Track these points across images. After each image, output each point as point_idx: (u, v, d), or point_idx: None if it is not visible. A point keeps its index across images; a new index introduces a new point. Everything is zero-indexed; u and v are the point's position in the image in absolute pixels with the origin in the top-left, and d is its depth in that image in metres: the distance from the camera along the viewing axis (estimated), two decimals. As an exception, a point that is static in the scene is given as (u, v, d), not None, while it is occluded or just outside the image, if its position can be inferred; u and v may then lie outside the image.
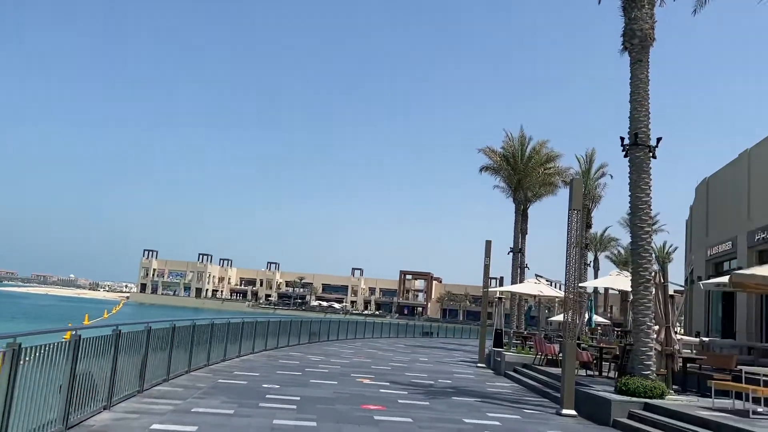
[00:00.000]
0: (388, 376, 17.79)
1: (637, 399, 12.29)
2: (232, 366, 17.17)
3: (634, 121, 13.74)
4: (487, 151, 36.67)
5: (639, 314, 13.15)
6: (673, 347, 13.41)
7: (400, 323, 52.89)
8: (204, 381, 13.72)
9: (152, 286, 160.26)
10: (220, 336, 17.87)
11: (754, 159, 28.75)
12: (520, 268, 37.57)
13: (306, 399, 12.32)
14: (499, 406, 13.56)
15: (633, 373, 13.03)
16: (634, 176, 13.61)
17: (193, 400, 11.15)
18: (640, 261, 13.36)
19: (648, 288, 13.25)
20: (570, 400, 12.86)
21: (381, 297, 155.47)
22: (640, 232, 13.44)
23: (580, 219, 13.40)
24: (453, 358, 28.01)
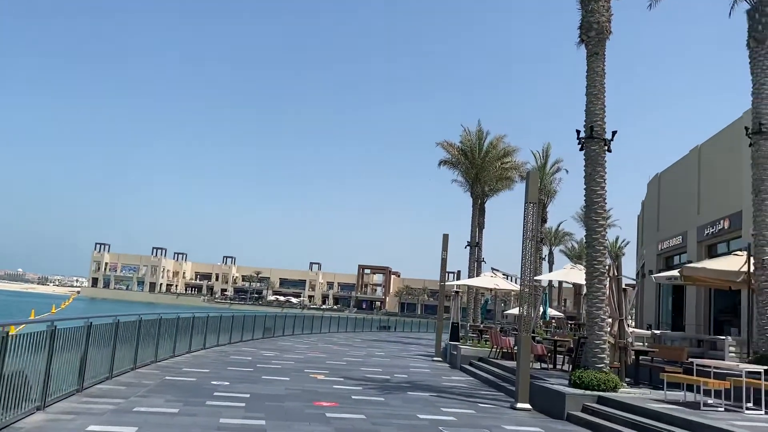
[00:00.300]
0: (343, 372, 17.50)
1: (591, 392, 12.28)
2: (182, 362, 16.64)
3: (590, 114, 13.71)
4: (445, 145, 36.66)
5: (593, 307, 13.15)
6: (626, 340, 13.46)
7: (358, 317, 52.62)
8: (150, 378, 13.19)
9: (104, 280, 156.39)
10: (169, 332, 17.30)
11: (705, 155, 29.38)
12: (477, 262, 37.71)
13: (256, 396, 11.93)
14: (454, 401, 13.40)
15: (587, 366, 13.02)
16: (589, 169, 13.59)
17: (136, 399, 10.66)
18: (594, 254, 13.35)
19: (602, 281, 13.25)
20: (525, 394, 12.79)
21: (339, 291, 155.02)
22: (595, 226, 13.44)
23: (536, 212, 13.31)
24: (409, 353, 27.89)
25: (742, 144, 24.60)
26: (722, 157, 27.13)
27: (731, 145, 26.01)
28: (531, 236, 13.22)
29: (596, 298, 13.17)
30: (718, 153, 27.73)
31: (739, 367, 11.12)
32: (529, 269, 13.19)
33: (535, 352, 17.48)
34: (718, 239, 27.16)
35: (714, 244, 28.10)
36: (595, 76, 13.82)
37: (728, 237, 26.22)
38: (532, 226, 13.26)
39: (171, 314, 17.68)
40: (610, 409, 11.51)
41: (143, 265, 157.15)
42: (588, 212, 13.62)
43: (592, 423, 11.18)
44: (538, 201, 13.40)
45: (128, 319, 13.84)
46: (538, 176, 13.37)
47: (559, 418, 11.90)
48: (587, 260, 13.53)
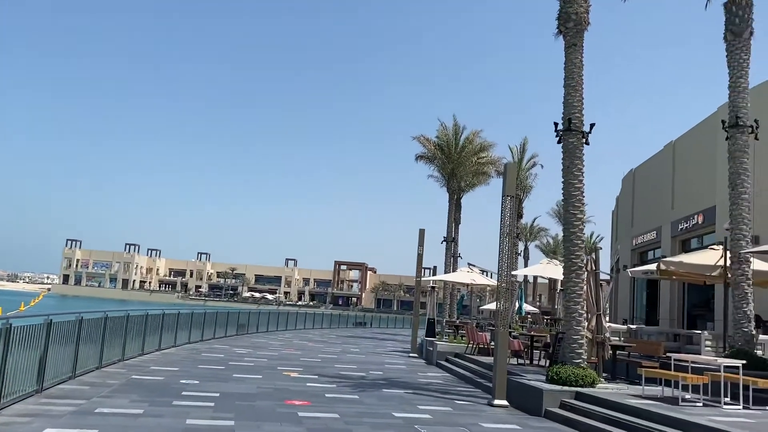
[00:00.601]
0: (317, 369, 17.15)
1: (569, 388, 12.10)
2: (150, 361, 16.15)
3: (568, 106, 13.53)
4: (421, 139, 36.43)
5: (570, 302, 12.97)
6: (604, 335, 13.32)
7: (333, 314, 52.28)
8: (116, 377, 12.71)
9: (76, 277, 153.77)
10: (137, 329, 16.79)
11: (679, 151, 29.53)
12: (454, 258, 37.60)
13: (226, 395, 11.54)
14: (430, 398, 13.14)
15: (565, 361, 12.85)
16: (567, 162, 13.40)
17: (99, 400, 10.20)
18: (572, 248, 13.17)
19: (580, 275, 13.08)
20: (502, 390, 12.57)
21: (315, 287, 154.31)
22: (573, 219, 13.26)
23: (514, 206, 13.09)
24: (385, 349, 27.62)
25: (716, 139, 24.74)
26: (696, 153, 27.28)
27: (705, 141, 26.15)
28: (508, 230, 12.99)
29: (574, 293, 13.00)
30: (692, 149, 27.89)
31: (717, 361, 11.01)
32: (507, 263, 12.97)
33: (512, 348, 17.32)
34: (692, 234, 27.33)
35: (688, 239, 28.29)
36: (573, 67, 13.63)
37: (702, 232, 26.38)
38: (510, 220, 13.03)
39: (139, 311, 17.18)
40: (587, 405, 11.34)
41: (116, 262, 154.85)
42: (566, 205, 13.44)
43: (569, 419, 10.99)
44: (515, 194, 13.17)
45: (93, 317, 13.34)
46: (515, 169, 13.14)
47: (536, 415, 11.70)
48: (565, 254, 13.36)
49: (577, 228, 13.24)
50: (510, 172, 13.20)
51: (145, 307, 20.52)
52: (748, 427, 9.01)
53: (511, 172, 13.20)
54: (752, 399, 10.89)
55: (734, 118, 14.77)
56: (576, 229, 13.23)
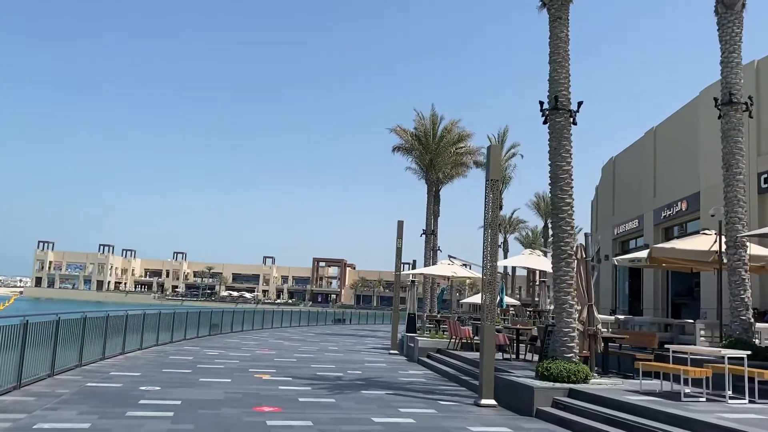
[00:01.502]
0: (292, 370, 16.14)
1: (561, 384, 11.26)
2: (112, 365, 15.01)
3: (554, 83, 12.65)
4: (398, 130, 35.47)
5: (561, 292, 12.12)
6: (595, 327, 12.49)
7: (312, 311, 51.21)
8: (68, 386, 11.58)
9: (49, 279, 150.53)
10: (97, 332, 15.63)
11: (660, 137, 28.96)
12: (433, 251, 36.76)
13: (188, 403, 10.48)
14: (412, 399, 12.22)
15: (555, 356, 12.01)
16: (554, 143, 12.54)
17: (43, 413, 9.09)
18: (561, 235, 12.32)
19: (570, 264, 12.24)
20: (489, 389, 11.69)
21: (294, 285, 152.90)
22: (561, 204, 12.40)
23: (498, 192, 12.19)
24: (365, 346, 26.68)
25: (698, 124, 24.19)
26: (679, 139, 26.71)
27: (688, 126, 25.58)
28: (492, 218, 12.09)
29: (564, 282, 12.15)
30: (674, 134, 27.32)
31: (720, 353, 10.23)
32: (491, 254, 12.07)
33: (497, 342, 16.46)
34: (675, 221, 26.78)
35: (671, 227, 27.75)
36: (559, 42, 12.76)
37: (686, 219, 25.83)
38: (495, 207, 12.13)
39: (99, 312, 16.02)
40: (582, 403, 10.50)
41: (90, 263, 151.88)
42: (553, 189, 12.57)
43: (564, 419, 10.14)
44: (500, 178, 12.28)
45: (43, 320, 12.21)
46: (500, 151, 12.26)
47: (527, 415, 10.84)
48: (554, 241, 12.51)
49: (566, 213, 12.38)
50: (494, 154, 12.30)
51: (121, 308, 19.52)
52: (765, 425, 8.20)
53: (494, 155, 12.29)
54: (758, 392, 10.12)
55: (727, 95, 14.03)
56: (565, 214, 12.38)
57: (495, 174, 12.18)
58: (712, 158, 22.35)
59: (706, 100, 23.81)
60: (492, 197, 12.12)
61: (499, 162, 12.29)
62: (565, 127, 12.51)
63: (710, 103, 22.67)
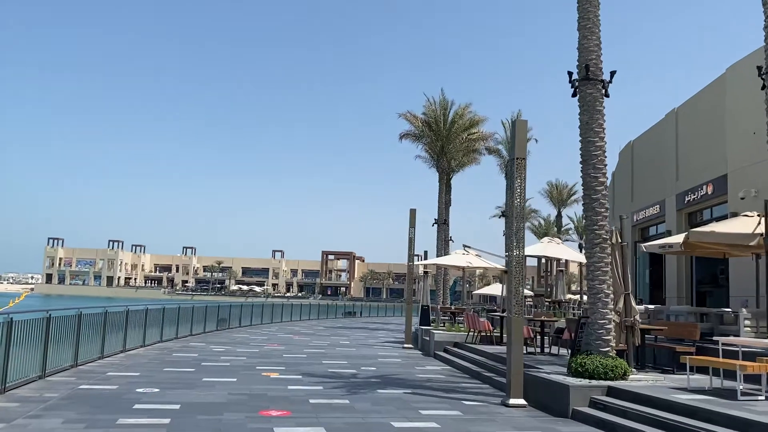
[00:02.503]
0: (302, 367, 15.15)
1: (598, 382, 10.21)
2: (110, 365, 14.08)
3: (584, 51, 11.53)
4: (408, 116, 34.24)
5: (595, 280, 11.04)
6: (633, 318, 11.41)
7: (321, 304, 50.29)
8: (58, 389, 10.64)
9: (59, 276, 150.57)
10: (94, 329, 14.70)
11: (682, 119, 27.68)
12: (445, 241, 35.67)
13: (188, 407, 9.50)
14: (433, 399, 11.20)
15: (589, 350, 10.94)
16: (586, 117, 11.43)
17: (24, 422, 8.13)
18: (594, 218, 11.23)
19: (605, 249, 11.16)
20: (518, 387, 10.65)
21: (303, 278, 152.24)
22: (594, 183, 11.30)
23: (525, 172, 11.09)
24: (377, 340, 25.69)
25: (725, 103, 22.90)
26: (703, 119, 25.46)
27: (714, 105, 24.34)
28: (519, 200, 11.02)
29: (598, 270, 11.07)
30: (697, 115, 26.06)
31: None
32: (517, 241, 11.00)
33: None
34: (700, 206, 25.54)
35: (695, 212, 26.52)
36: (588, 6, 11.62)
37: (712, 203, 24.60)
38: (521, 190, 11.04)
39: (96, 309, 15.08)
40: (624, 402, 9.44)
41: (99, 259, 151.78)
42: (585, 168, 11.47)
43: (604, 421, 9.09)
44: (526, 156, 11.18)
45: (31, 317, 11.26)
46: (526, 126, 11.16)
47: (562, 416, 9.80)
48: (586, 225, 11.42)
49: (599, 194, 11.29)
50: (520, 129, 11.20)
51: (130, 303, 18.85)
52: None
53: (520, 130, 11.20)
54: (823, 389, 9.04)
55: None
56: (598, 195, 11.28)
57: (521, 152, 11.10)
58: (740, 138, 21.09)
59: (733, 78, 22.53)
60: (518, 178, 11.04)
61: (524, 138, 11.20)
62: (597, 99, 11.40)
63: (737, 81, 21.48)
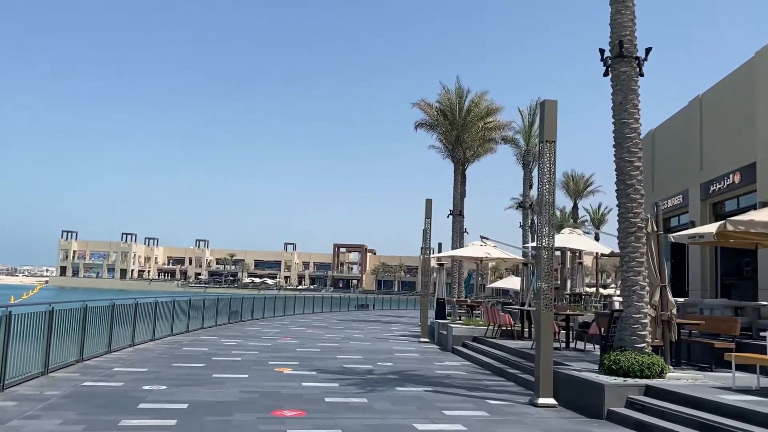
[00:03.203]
0: (316, 362, 14.55)
1: (634, 381, 9.51)
2: (117, 360, 13.55)
3: (618, 26, 10.76)
4: (422, 105, 33.45)
5: (630, 272, 10.32)
6: (670, 312, 10.69)
7: (334, 297, 49.71)
8: (60, 386, 10.09)
9: (73, 268, 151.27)
10: (101, 322, 14.16)
11: (707, 106, 26.73)
12: (460, 233, 34.95)
13: (196, 407, 8.90)
14: (456, 398, 10.54)
15: (623, 346, 10.23)
16: (619, 97, 10.67)
17: (19, 423, 7.56)
18: (629, 205, 10.48)
19: (640, 238, 10.43)
20: (548, 386, 9.97)
21: (315, 271, 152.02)
22: (629, 168, 10.56)
23: (555, 156, 10.37)
24: (392, 333, 25.07)
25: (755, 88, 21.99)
26: (730, 106, 24.56)
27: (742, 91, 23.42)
28: (549, 186, 10.30)
29: (633, 261, 10.34)
30: (724, 101, 25.11)
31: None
32: (548, 229, 10.30)
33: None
34: (726, 195, 24.63)
35: (721, 202, 25.62)
36: (622, -22, 10.85)
37: (739, 192, 23.71)
38: (549, 174, 10.32)
39: (103, 302, 14.55)
40: (664, 403, 8.73)
41: (113, 252, 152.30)
42: (618, 151, 10.72)
43: (644, 424, 8.39)
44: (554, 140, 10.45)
45: (32, 310, 10.72)
46: (556, 107, 10.42)
47: (596, 417, 9.11)
48: (620, 213, 10.68)
49: (634, 179, 10.55)
50: (549, 110, 10.47)
51: (144, 296, 18.49)
52: None
53: (550, 111, 10.47)
54: None
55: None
56: (633, 180, 10.54)
57: (550, 134, 10.38)
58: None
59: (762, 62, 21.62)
60: (548, 162, 10.32)
61: (555, 119, 10.46)
62: (632, 78, 10.64)
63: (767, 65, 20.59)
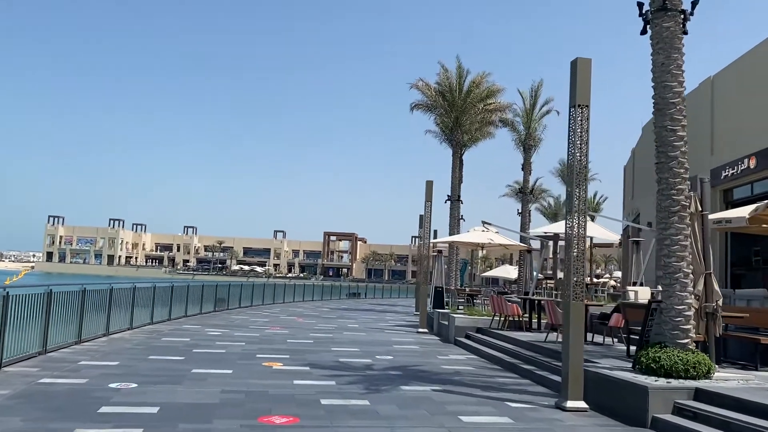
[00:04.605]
0: (309, 355, 13.18)
1: (679, 382, 8.21)
2: (86, 351, 12.12)
3: (660, -26, 9.38)
4: (420, 85, 31.95)
5: (672, 257, 8.99)
6: (715, 303, 9.39)
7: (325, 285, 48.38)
8: (14, 383, 8.66)
9: (60, 254, 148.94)
10: (69, 309, 12.72)
11: (719, 87, 25.46)
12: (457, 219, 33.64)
13: (169, 410, 7.52)
14: (470, 399, 9.22)
15: (663, 341, 8.93)
16: (661, 56, 9.31)
17: (-53, 433, 6.17)
18: (672, 180, 9.15)
19: (683, 219, 9.11)
20: (577, 387, 8.66)
21: (305, 259, 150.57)
22: (672, 138, 9.21)
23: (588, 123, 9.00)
24: (387, 323, 23.74)
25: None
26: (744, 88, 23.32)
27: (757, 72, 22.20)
28: (581, 156, 8.94)
29: (676, 245, 9.01)
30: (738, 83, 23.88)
31: None
32: (580, 207, 8.95)
33: (559, 321, 13.48)
34: (739, 181, 23.42)
35: (732, 188, 24.52)
36: None
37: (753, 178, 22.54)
38: (582, 143, 8.96)
39: (73, 287, 13.10)
40: (721, 410, 7.43)
41: (100, 238, 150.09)
42: (659, 119, 9.38)
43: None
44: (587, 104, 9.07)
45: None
46: (590, 66, 9.05)
47: (639, 425, 7.80)
48: (660, 190, 9.34)
49: (678, 150, 9.21)
50: (582, 69, 9.08)
51: (130, 281, 17.21)
52: None
53: (583, 70, 9.08)
54: None
55: None
56: (677, 152, 9.20)
57: (583, 97, 9.00)
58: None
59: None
60: (580, 130, 8.95)
61: (588, 80, 9.08)
62: (676, 35, 9.27)
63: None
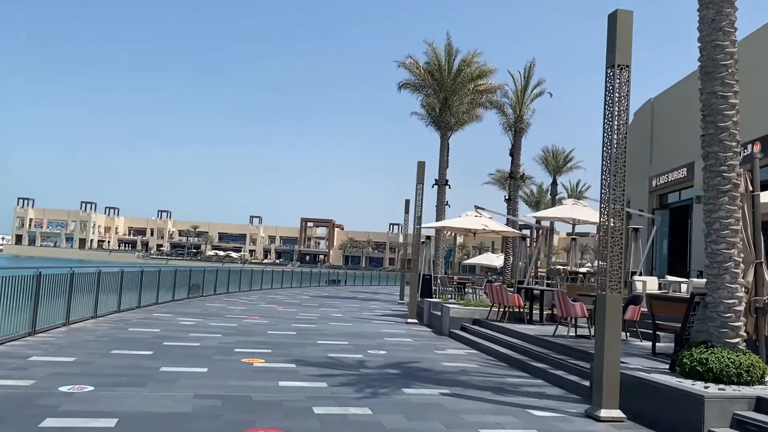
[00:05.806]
0: (293, 349, 11.83)
1: (735, 389, 7.03)
2: (41, 344, 10.66)
3: None
4: (408, 63, 30.50)
5: (721, 243, 7.78)
6: (766, 296, 8.22)
7: (304, 271, 46.98)
8: (-58, 386, 7.21)
9: (29, 237, 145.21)
10: (22, 295, 11.23)
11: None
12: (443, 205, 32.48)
13: (129, 422, 6.12)
14: (485, 405, 7.96)
15: (709, 340, 7.74)
16: (711, 12, 8.04)
17: None
18: (722, 154, 7.92)
19: (735, 199, 7.89)
20: (613, 395, 7.43)
21: (282, 245, 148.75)
22: (723, 106, 7.98)
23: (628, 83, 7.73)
24: (372, 312, 22.48)
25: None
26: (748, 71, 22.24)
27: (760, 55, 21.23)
28: (621, 125, 7.68)
29: (726, 228, 7.79)
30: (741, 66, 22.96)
31: None
32: (617, 188, 7.70)
33: (570, 314, 12.32)
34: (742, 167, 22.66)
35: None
36: None
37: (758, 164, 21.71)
38: (621, 110, 7.69)
39: (26, 270, 11.59)
40: (791, 424, 6.27)
41: (72, 221, 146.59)
42: (707, 83, 8.13)
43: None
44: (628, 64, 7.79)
45: None
46: (632, 21, 7.77)
47: (690, 441, 6.62)
48: (707, 166, 8.12)
49: (729, 120, 7.98)
50: (623, 23, 7.79)
51: (101, 266, 15.78)
52: None
53: (624, 24, 7.79)
54: None
55: None
56: (728, 121, 7.97)
57: (623, 57, 7.73)
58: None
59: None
60: (618, 94, 7.68)
61: (629, 36, 7.80)
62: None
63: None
